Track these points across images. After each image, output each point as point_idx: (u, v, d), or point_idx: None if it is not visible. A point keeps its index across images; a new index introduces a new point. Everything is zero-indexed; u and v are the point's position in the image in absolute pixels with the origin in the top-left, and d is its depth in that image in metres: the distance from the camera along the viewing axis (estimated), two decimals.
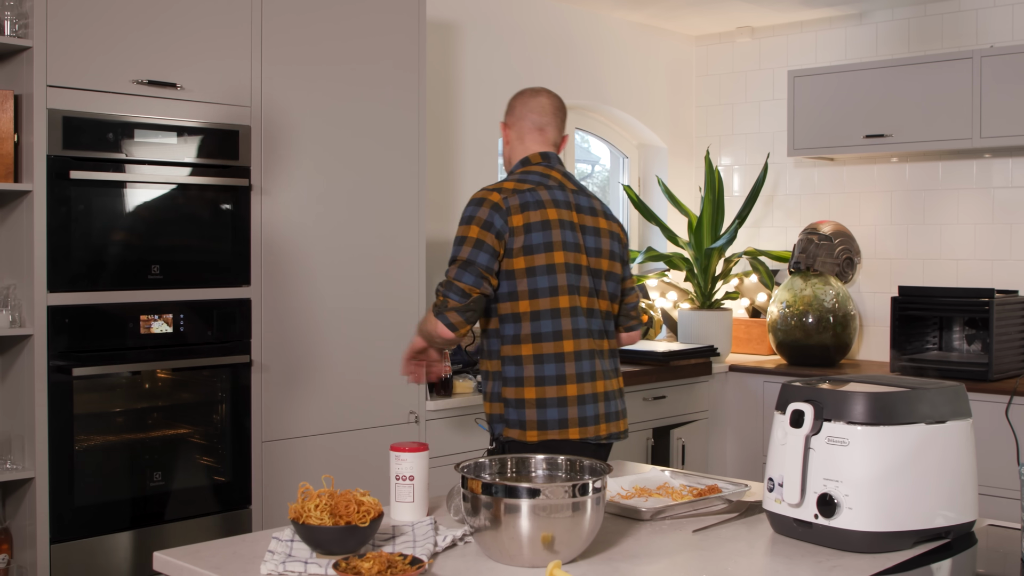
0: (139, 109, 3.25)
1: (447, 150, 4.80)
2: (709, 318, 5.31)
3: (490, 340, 2.85)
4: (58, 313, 3.09)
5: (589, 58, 5.50)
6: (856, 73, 5.08)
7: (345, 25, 3.76)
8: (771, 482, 2.06)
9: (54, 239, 3.08)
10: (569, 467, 2.07)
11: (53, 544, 3.09)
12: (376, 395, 3.85)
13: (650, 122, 5.86)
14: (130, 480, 3.27)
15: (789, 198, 5.76)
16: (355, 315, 3.79)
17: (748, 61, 5.91)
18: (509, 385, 2.80)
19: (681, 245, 5.49)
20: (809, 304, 5.12)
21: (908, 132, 4.93)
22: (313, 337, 3.67)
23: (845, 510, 1.93)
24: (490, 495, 1.84)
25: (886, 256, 5.40)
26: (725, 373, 5.21)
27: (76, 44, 3.11)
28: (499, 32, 5.03)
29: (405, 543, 1.98)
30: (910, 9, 5.29)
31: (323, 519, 1.88)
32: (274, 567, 1.83)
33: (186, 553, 1.97)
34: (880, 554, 1.94)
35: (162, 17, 3.29)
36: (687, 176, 6.10)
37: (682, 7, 5.42)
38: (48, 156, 3.06)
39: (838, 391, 2.01)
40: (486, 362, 2.87)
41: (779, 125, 5.65)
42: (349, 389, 3.77)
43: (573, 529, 1.85)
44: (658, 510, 2.20)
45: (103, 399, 3.26)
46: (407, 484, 2.18)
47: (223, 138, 3.43)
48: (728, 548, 2.02)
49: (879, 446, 1.93)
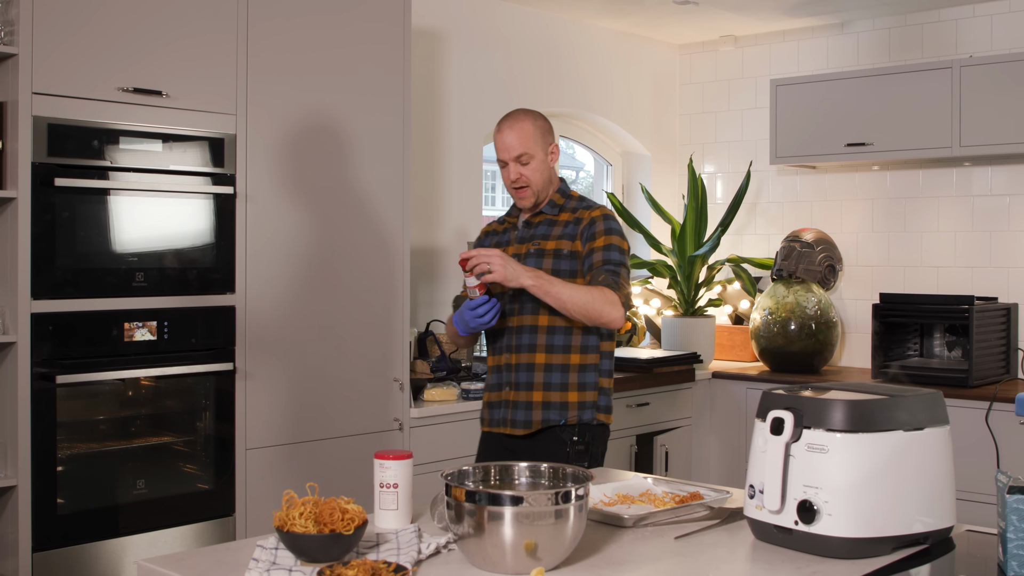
0: (124, 116, 3.25)
1: (432, 158, 4.81)
2: (692, 325, 5.33)
3: (588, 336, 3.04)
4: (42, 320, 3.09)
5: (573, 66, 5.53)
6: (838, 82, 5.13)
7: (331, 33, 3.78)
8: (752, 489, 2.08)
9: (38, 246, 3.08)
10: (552, 475, 2.09)
11: (35, 552, 3.08)
12: (360, 402, 3.85)
13: (634, 130, 5.89)
14: (113, 488, 3.27)
15: (772, 206, 5.79)
16: (340, 322, 3.80)
17: (731, 70, 5.95)
18: (604, 376, 3.09)
19: (664, 252, 5.52)
20: (791, 311, 5.15)
21: (889, 140, 4.97)
22: (297, 345, 3.68)
23: (825, 516, 1.95)
24: (474, 503, 1.85)
25: (868, 263, 5.44)
26: (708, 380, 5.23)
27: (61, 51, 3.12)
28: (484, 40, 5.05)
29: (389, 551, 1.99)
30: (891, 19, 5.34)
31: (307, 527, 1.89)
32: (258, 575, 1.84)
33: (170, 561, 1.97)
34: (859, 560, 1.96)
35: (148, 24, 3.30)
36: (670, 183, 6.13)
37: (665, 16, 5.46)
38: (33, 163, 3.06)
39: (817, 399, 2.03)
40: (577, 356, 3.04)
41: (762, 133, 5.69)
42: (333, 397, 3.78)
43: (556, 536, 1.87)
44: (640, 517, 2.22)
45: (86, 407, 3.26)
46: (391, 492, 2.19)
47: (209, 146, 3.44)
48: (710, 554, 2.04)
49: (858, 453, 1.95)
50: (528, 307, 3.04)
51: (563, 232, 3.08)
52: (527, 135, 3.06)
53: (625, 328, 5.47)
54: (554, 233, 3.09)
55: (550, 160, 3.10)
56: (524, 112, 3.13)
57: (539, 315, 3.03)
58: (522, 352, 3.06)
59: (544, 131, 3.10)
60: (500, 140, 3.08)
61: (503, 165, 3.09)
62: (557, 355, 3.04)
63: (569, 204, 3.14)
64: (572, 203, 3.14)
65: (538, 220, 3.13)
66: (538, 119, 3.11)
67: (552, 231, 3.10)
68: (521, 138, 3.05)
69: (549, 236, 3.09)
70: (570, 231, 3.07)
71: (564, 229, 3.08)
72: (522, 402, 3.05)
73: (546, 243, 3.07)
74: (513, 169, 3.06)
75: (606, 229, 3.04)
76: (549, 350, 3.04)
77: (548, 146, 3.10)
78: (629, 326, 5.49)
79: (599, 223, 3.06)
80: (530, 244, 3.09)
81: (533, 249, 3.07)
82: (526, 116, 3.11)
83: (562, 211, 3.12)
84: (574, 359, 3.04)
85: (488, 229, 3.31)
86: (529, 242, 3.10)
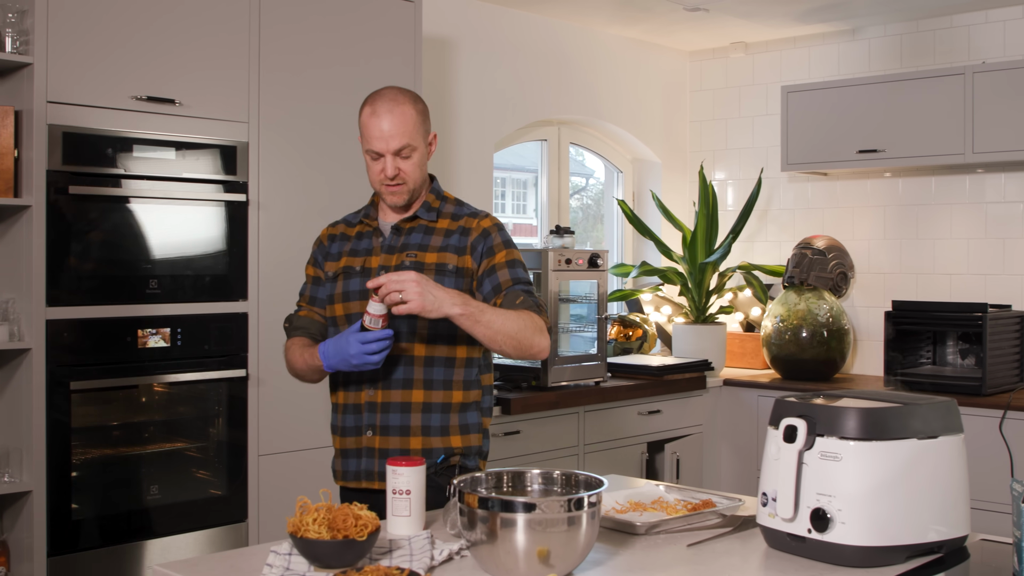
0: (138, 124, 3.27)
1: (442, 165, 4.82)
2: (703, 332, 5.33)
3: (470, 369, 2.59)
4: (57, 327, 3.10)
5: (583, 73, 5.53)
6: (849, 89, 5.12)
7: (342, 41, 3.79)
8: (764, 497, 2.08)
9: (53, 253, 3.10)
10: (565, 481, 2.09)
11: (50, 557, 3.10)
12: None
13: (644, 137, 5.89)
14: (127, 493, 3.29)
15: (783, 213, 5.79)
16: None
17: (742, 76, 5.95)
18: (486, 415, 2.64)
19: (675, 259, 5.52)
20: (803, 319, 5.14)
21: (901, 147, 4.96)
22: None
23: (838, 525, 1.95)
24: (486, 509, 1.85)
25: (880, 271, 5.43)
26: (719, 387, 5.23)
27: (76, 60, 3.14)
28: (494, 48, 5.06)
29: (402, 557, 1.99)
30: (903, 25, 5.34)
31: (321, 533, 1.89)
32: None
33: (184, 566, 1.98)
34: (873, 568, 1.95)
35: (161, 34, 3.32)
36: (681, 190, 6.13)
37: (676, 23, 5.46)
38: (48, 171, 3.09)
39: (830, 407, 2.03)
40: (460, 393, 2.57)
41: (772, 140, 5.69)
42: None
43: (569, 543, 1.87)
44: (653, 524, 2.22)
45: (100, 412, 3.27)
46: (404, 498, 2.19)
47: (221, 153, 3.46)
48: (722, 562, 2.04)
49: (871, 461, 1.95)
50: (403, 334, 2.52)
51: (445, 243, 2.58)
52: (409, 123, 2.51)
53: (637, 335, 5.47)
54: (433, 243, 2.58)
55: (429, 152, 2.60)
56: (401, 93, 2.56)
57: (415, 343, 2.53)
58: (393, 388, 2.52)
59: (425, 116, 2.57)
60: (375, 127, 2.49)
61: (375, 157, 2.53)
62: (437, 392, 2.53)
63: (447, 208, 2.65)
64: (450, 207, 2.66)
65: (410, 226, 2.61)
66: (418, 102, 2.57)
67: (430, 240, 2.59)
68: (403, 126, 2.50)
69: (427, 247, 2.58)
70: (455, 243, 2.58)
71: (447, 239, 2.58)
72: (394, 450, 2.52)
73: (424, 255, 2.56)
74: (390, 164, 2.51)
75: (504, 242, 2.59)
76: (428, 386, 2.53)
77: (428, 135, 2.58)
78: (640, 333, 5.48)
79: (495, 235, 2.60)
80: (403, 255, 2.57)
81: (409, 262, 2.55)
82: (405, 98, 2.54)
83: (440, 216, 2.62)
84: (456, 397, 2.55)
85: (332, 233, 2.72)
86: (402, 252, 2.57)
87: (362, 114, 2.55)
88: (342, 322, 2.60)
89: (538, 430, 4.33)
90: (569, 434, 4.47)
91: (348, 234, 2.68)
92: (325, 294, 2.67)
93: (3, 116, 3.08)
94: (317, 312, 2.69)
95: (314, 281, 2.72)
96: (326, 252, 2.69)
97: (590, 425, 4.55)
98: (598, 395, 4.56)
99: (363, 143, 2.55)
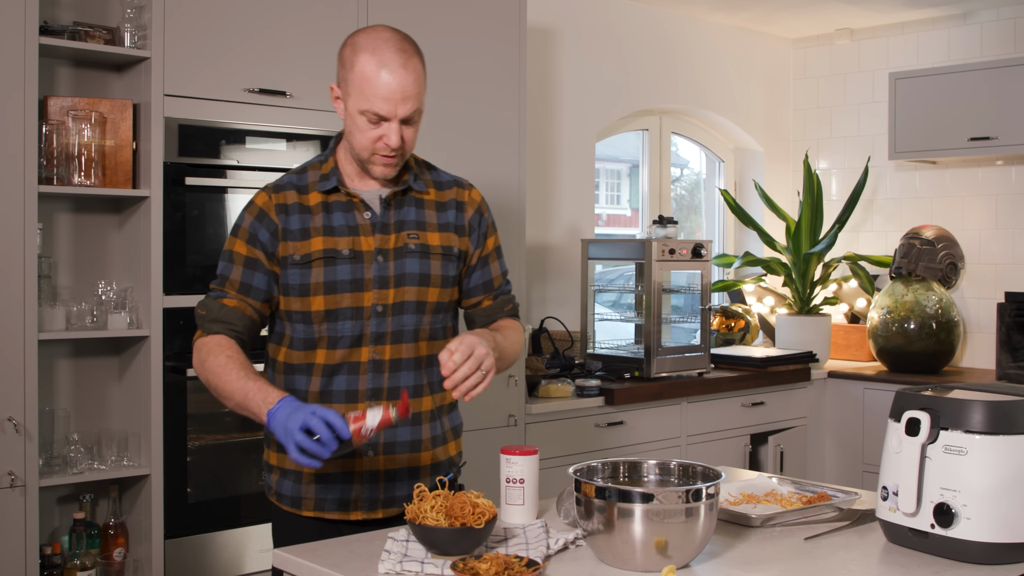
0: (250, 117, 3.33)
1: (545, 155, 4.82)
2: (807, 324, 5.25)
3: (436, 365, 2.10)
4: (173, 315, 3.18)
5: (686, 62, 5.48)
6: (960, 75, 4.99)
7: (448, 32, 3.81)
8: (885, 491, 2.04)
9: (169, 243, 3.17)
10: (681, 472, 2.08)
11: (167, 539, 3.18)
12: (475, 398, 3.87)
13: (747, 126, 5.82)
14: (239, 478, 3.36)
15: (889, 202, 5.66)
16: None
17: (847, 63, 5.83)
18: (458, 420, 2.39)
19: (779, 250, 5.44)
20: (911, 310, 5.03)
21: (1014, 134, 4.81)
22: None
23: (963, 520, 1.91)
24: (604, 499, 1.85)
25: (991, 261, 5.28)
26: (824, 379, 5.14)
27: (191, 54, 3.21)
28: (597, 37, 5.04)
29: (518, 545, 2.00)
30: (1017, 8, 5.17)
31: (439, 520, 1.91)
32: (392, 566, 1.87)
33: (304, 551, 2.01)
34: (998, 566, 1.91)
35: (273, 27, 3.37)
36: (784, 180, 6.04)
37: (779, 10, 5.37)
38: (164, 163, 3.16)
39: (955, 399, 1.98)
40: (439, 396, 2.27)
41: (879, 128, 5.56)
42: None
43: (687, 535, 1.85)
44: (768, 517, 2.19)
45: (215, 400, 3.33)
46: (518, 487, 2.20)
47: None
48: (841, 556, 2.01)
49: (999, 455, 1.90)
50: (408, 332, 2.17)
51: (444, 220, 2.22)
52: (421, 81, 2.09)
53: (739, 326, 5.40)
54: (430, 220, 2.20)
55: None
56: (407, 40, 2.12)
57: (419, 342, 2.20)
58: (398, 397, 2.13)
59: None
60: (382, 84, 2.04)
61: (373, 120, 2.07)
62: (437, 396, 2.26)
63: (424, 174, 2.26)
64: (426, 172, 2.26)
65: (400, 197, 2.20)
66: (420, 51, 2.14)
67: (425, 216, 2.20)
68: (416, 86, 2.07)
69: (425, 224, 2.19)
70: (454, 220, 2.23)
71: (443, 215, 2.22)
72: (401, 469, 2.20)
73: (426, 235, 2.18)
74: (395, 133, 2.07)
75: (492, 223, 2.31)
76: (432, 390, 2.24)
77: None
78: (743, 324, 5.42)
79: (486, 214, 2.29)
80: (405, 236, 2.16)
81: (414, 245, 2.16)
82: (413, 48, 2.11)
83: (424, 184, 2.24)
84: (448, 398, 2.26)
85: (280, 202, 2.14)
86: (400, 232, 2.17)
87: (358, 61, 2.06)
88: (321, 318, 2.13)
89: (641, 421, 4.31)
90: (672, 425, 4.44)
91: (305, 204, 2.15)
92: (290, 282, 2.14)
93: (122, 109, 3.17)
94: (250, 305, 2.15)
95: (248, 264, 2.15)
96: (277, 228, 2.13)
97: (692, 416, 4.52)
98: (701, 386, 4.52)
99: (354, 99, 2.07)
